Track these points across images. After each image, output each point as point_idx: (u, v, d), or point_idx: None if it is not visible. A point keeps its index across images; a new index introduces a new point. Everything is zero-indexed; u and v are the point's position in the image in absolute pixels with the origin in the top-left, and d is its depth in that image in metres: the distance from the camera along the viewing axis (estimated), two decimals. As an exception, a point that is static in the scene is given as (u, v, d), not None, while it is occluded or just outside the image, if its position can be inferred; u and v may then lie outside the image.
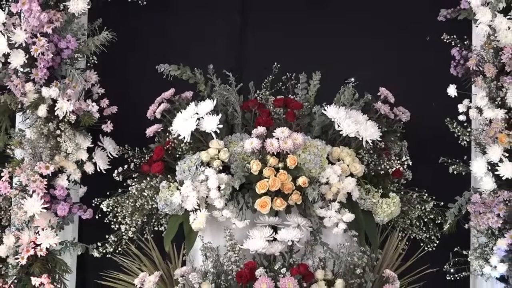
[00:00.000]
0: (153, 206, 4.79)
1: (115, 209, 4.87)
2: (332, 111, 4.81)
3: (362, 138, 4.80)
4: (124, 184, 4.96)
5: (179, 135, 4.78)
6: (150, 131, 4.98)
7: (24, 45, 4.73)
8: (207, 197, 4.62)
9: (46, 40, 4.72)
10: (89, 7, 4.89)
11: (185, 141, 4.76)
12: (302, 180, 4.56)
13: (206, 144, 4.74)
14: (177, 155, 4.82)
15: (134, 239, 4.91)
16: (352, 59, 5.39)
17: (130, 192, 4.85)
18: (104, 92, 4.98)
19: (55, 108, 4.76)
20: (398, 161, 4.94)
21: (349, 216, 4.64)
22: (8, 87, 4.82)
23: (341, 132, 4.79)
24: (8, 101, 4.81)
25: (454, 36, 5.00)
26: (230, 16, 5.47)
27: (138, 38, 5.40)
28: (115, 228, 4.88)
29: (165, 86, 5.05)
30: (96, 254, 4.87)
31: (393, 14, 5.43)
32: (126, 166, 5.00)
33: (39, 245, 4.72)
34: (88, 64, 5.01)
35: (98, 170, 4.95)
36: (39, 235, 4.73)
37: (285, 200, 4.56)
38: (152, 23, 5.43)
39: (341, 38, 5.42)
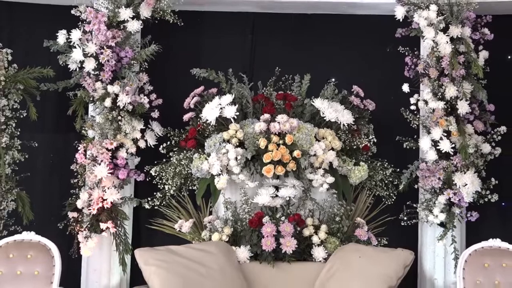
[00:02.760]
0: (188, 171, 5.34)
1: (161, 173, 5.41)
2: (318, 103, 5.39)
3: (340, 122, 5.38)
4: (167, 156, 5.44)
5: (207, 120, 5.31)
6: (186, 117, 5.50)
7: (94, 54, 5.26)
8: (227, 165, 5.16)
9: (110, 51, 5.26)
10: (141, 27, 5.41)
11: (211, 124, 5.31)
12: (296, 153, 5.17)
13: (227, 127, 5.28)
14: (206, 135, 5.39)
15: (174, 196, 5.43)
16: (333, 65, 5.86)
17: (172, 161, 5.39)
18: (152, 89, 5.46)
19: (117, 101, 5.27)
20: (366, 139, 5.48)
21: (330, 179, 5.26)
22: (83, 85, 5.36)
23: (325, 118, 5.35)
24: (83, 95, 5.37)
25: (407, 48, 5.48)
26: (244, 34, 5.93)
27: (177, 49, 5.82)
28: (161, 188, 5.42)
29: (196, 84, 5.56)
30: (147, 206, 5.44)
31: (364, 32, 5.90)
32: (168, 142, 5.47)
33: (106, 199, 5.25)
34: (141, 68, 5.46)
35: (148, 145, 5.43)
36: (105, 192, 5.27)
37: (284, 167, 5.15)
38: (187, 38, 5.85)
39: (325, 47, 5.90)
